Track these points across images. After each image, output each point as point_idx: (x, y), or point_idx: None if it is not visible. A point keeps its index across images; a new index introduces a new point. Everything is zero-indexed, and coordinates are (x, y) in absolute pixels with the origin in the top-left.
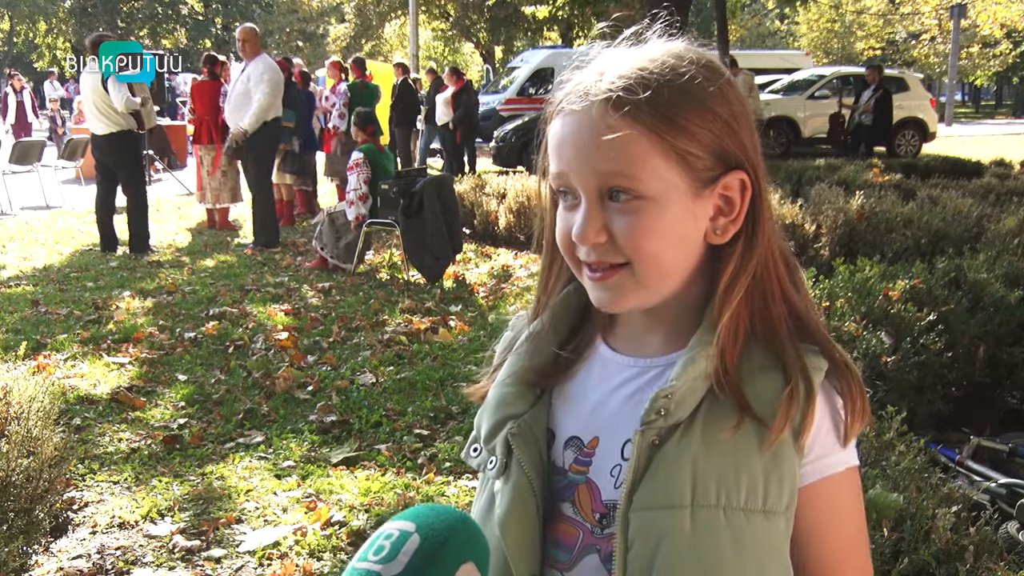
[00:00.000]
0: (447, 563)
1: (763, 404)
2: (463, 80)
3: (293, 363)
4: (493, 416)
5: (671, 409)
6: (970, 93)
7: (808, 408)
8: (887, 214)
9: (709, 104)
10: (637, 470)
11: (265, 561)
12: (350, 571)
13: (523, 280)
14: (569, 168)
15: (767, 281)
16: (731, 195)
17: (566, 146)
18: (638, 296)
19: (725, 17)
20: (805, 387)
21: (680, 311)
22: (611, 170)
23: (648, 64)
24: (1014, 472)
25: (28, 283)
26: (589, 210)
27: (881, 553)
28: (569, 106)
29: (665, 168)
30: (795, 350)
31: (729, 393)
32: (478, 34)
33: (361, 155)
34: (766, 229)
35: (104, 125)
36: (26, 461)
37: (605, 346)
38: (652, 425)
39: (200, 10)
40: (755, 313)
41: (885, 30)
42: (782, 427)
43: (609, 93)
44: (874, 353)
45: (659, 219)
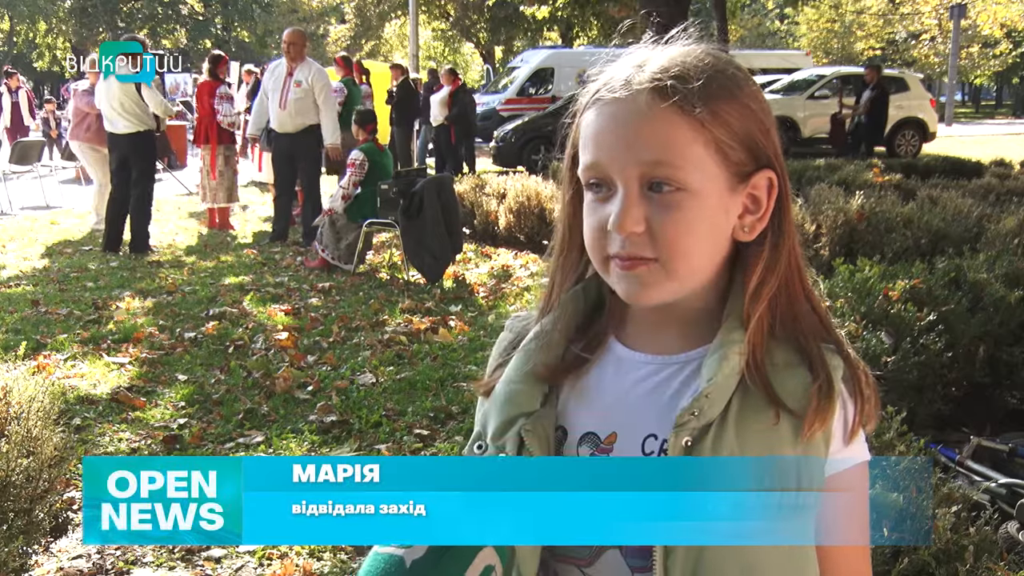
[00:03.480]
0: (466, 548)
1: (794, 398)
2: (459, 80)
3: (293, 363)
4: (502, 413)
5: (704, 409)
6: (970, 93)
7: (831, 404)
8: (887, 214)
9: (745, 100)
10: None
11: (265, 561)
12: (372, 556)
13: (523, 280)
14: (608, 158)
15: (791, 279)
16: (758, 194)
17: (605, 135)
18: (667, 289)
19: (725, 17)
20: (829, 383)
21: (696, 308)
22: (655, 159)
23: (687, 59)
24: (1014, 472)
25: (28, 283)
26: (628, 199)
27: (881, 553)
28: (609, 95)
29: (707, 160)
30: (818, 348)
31: (760, 387)
32: (478, 34)
33: (362, 155)
34: (790, 229)
35: (130, 124)
36: (26, 461)
37: (619, 344)
38: (686, 426)
39: (200, 10)
40: (778, 311)
41: (885, 30)
42: (813, 420)
43: (656, 82)
44: (874, 353)
45: (698, 212)
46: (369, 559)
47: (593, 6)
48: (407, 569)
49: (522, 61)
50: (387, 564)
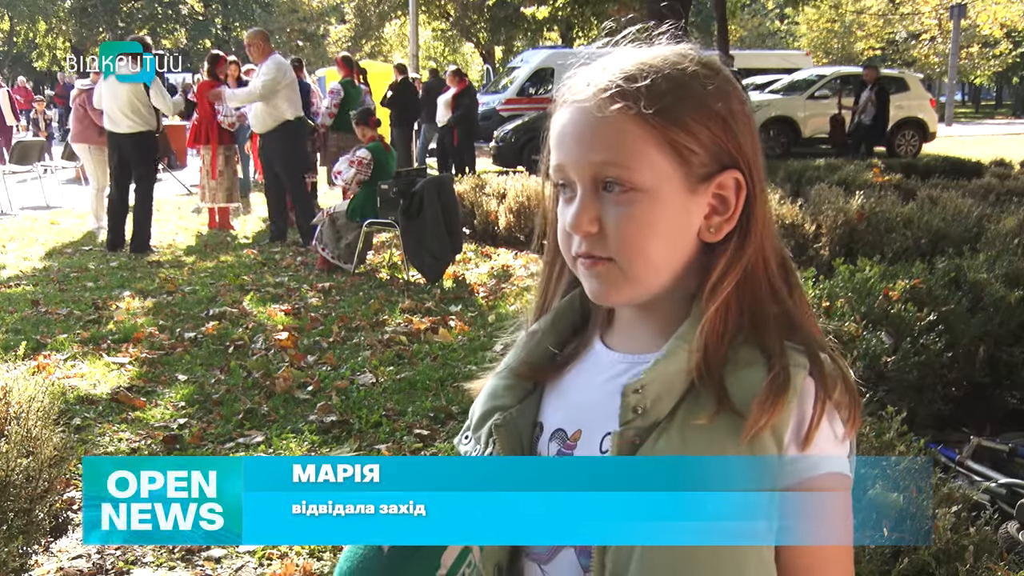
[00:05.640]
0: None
1: (742, 396)
2: (465, 82)
3: (293, 363)
4: (483, 406)
5: (647, 407)
6: (970, 93)
7: (780, 400)
8: (887, 214)
9: (707, 101)
10: None
11: (265, 561)
12: (349, 552)
13: (523, 280)
14: (567, 159)
15: (757, 280)
16: (725, 194)
17: (566, 137)
18: (628, 289)
19: (725, 17)
20: (784, 380)
21: (671, 307)
22: (605, 160)
23: (650, 59)
24: (1014, 472)
25: (28, 283)
26: (583, 199)
27: (881, 553)
28: (571, 97)
29: (660, 160)
30: (781, 347)
31: (710, 387)
32: (478, 34)
33: (368, 155)
34: (759, 229)
35: (133, 124)
36: (26, 461)
37: (600, 343)
38: (631, 424)
39: (200, 10)
40: (744, 311)
41: (885, 30)
42: (758, 418)
43: (608, 83)
44: (874, 353)
45: (651, 212)
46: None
47: (593, 6)
48: (385, 553)
49: (522, 61)
50: (366, 548)
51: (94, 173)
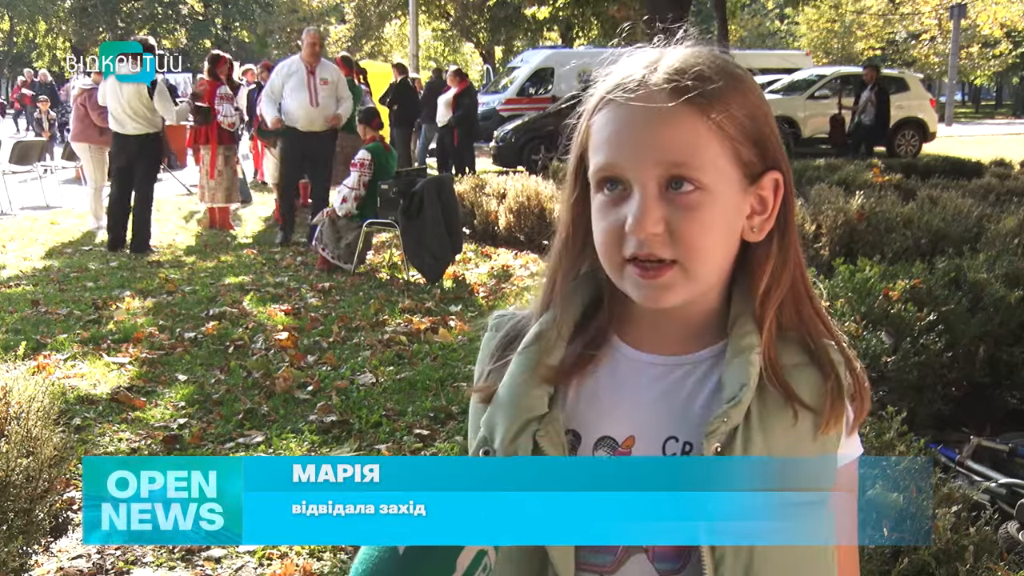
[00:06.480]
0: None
1: (810, 396)
2: (466, 82)
3: (293, 363)
4: (511, 418)
5: (733, 415)
6: (970, 93)
7: (843, 402)
8: (887, 214)
9: (756, 101)
10: None
11: (265, 561)
12: (364, 553)
13: (523, 280)
14: (625, 158)
15: (796, 281)
16: (765, 194)
17: (620, 136)
18: (686, 291)
19: (725, 17)
20: (839, 382)
21: (700, 308)
22: (674, 159)
23: (700, 59)
24: (1014, 472)
25: (28, 283)
26: (646, 200)
27: (881, 553)
28: (623, 95)
29: (722, 159)
30: (823, 344)
31: (779, 387)
32: (478, 34)
33: (369, 156)
34: (793, 229)
35: (139, 126)
36: (26, 461)
37: (624, 344)
38: (716, 432)
39: (200, 10)
40: (784, 311)
41: (885, 30)
42: (830, 418)
43: (674, 82)
44: (874, 353)
45: (716, 211)
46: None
47: (593, 6)
48: (400, 555)
49: (522, 61)
50: (382, 549)
51: (92, 173)
